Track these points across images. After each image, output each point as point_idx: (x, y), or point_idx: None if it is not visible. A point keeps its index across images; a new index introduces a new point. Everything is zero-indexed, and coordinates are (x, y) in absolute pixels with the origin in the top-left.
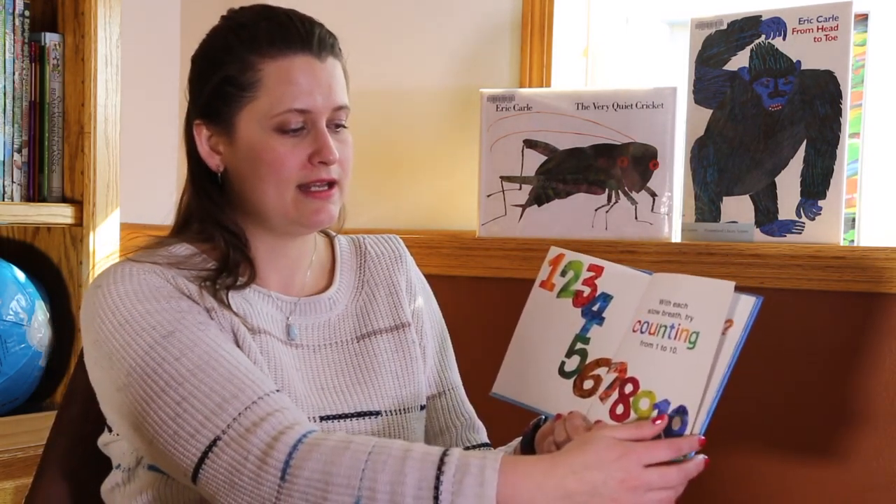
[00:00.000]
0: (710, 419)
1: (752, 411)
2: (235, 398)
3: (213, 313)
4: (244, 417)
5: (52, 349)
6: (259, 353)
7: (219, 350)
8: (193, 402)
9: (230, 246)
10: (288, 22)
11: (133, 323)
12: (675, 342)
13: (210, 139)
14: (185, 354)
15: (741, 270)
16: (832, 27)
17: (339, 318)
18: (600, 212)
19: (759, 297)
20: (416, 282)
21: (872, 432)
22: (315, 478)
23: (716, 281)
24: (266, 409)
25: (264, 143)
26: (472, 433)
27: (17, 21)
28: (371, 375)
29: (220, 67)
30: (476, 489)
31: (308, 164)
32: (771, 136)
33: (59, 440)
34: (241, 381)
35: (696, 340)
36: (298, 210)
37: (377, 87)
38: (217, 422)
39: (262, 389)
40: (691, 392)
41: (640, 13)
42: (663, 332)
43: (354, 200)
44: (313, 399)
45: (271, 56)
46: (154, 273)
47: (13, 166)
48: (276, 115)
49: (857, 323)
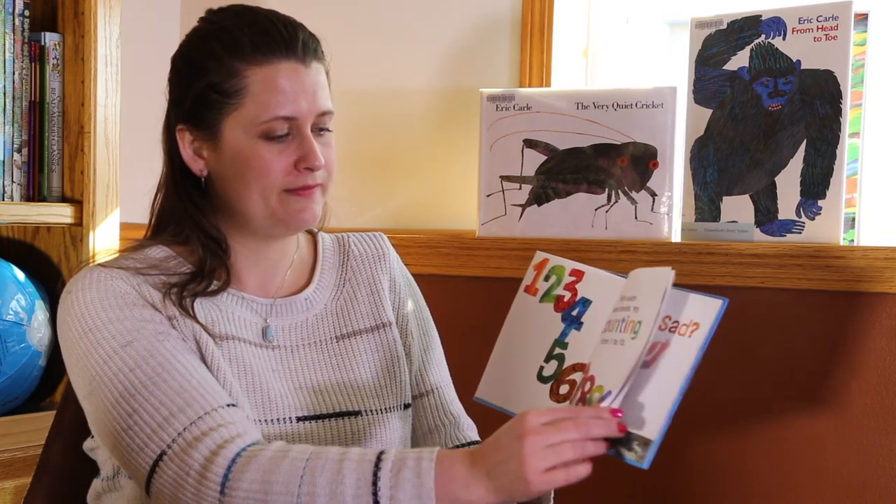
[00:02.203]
0: (669, 422)
1: (752, 411)
2: (182, 412)
3: (175, 322)
4: (188, 432)
5: (52, 349)
6: (224, 360)
7: (173, 362)
8: (143, 414)
9: (207, 251)
10: (271, 27)
11: (95, 331)
12: (623, 335)
13: (193, 143)
14: (140, 366)
15: (741, 270)
16: (832, 27)
17: (317, 318)
18: (600, 211)
19: (724, 299)
20: (401, 280)
21: (873, 432)
22: (254, 489)
23: (655, 269)
24: (210, 424)
25: (250, 150)
26: (461, 432)
27: (17, 21)
28: (351, 375)
29: (203, 73)
30: (413, 480)
31: (294, 170)
32: (771, 136)
33: (56, 441)
34: (189, 395)
35: (639, 329)
36: (284, 209)
37: (377, 86)
38: (163, 435)
39: (209, 404)
40: (619, 376)
41: (640, 13)
42: (616, 326)
43: (354, 200)
44: (291, 400)
45: (256, 63)
46: (121, 279)
47: (13, 166)
48: (263, 122)
49: (857, 323)
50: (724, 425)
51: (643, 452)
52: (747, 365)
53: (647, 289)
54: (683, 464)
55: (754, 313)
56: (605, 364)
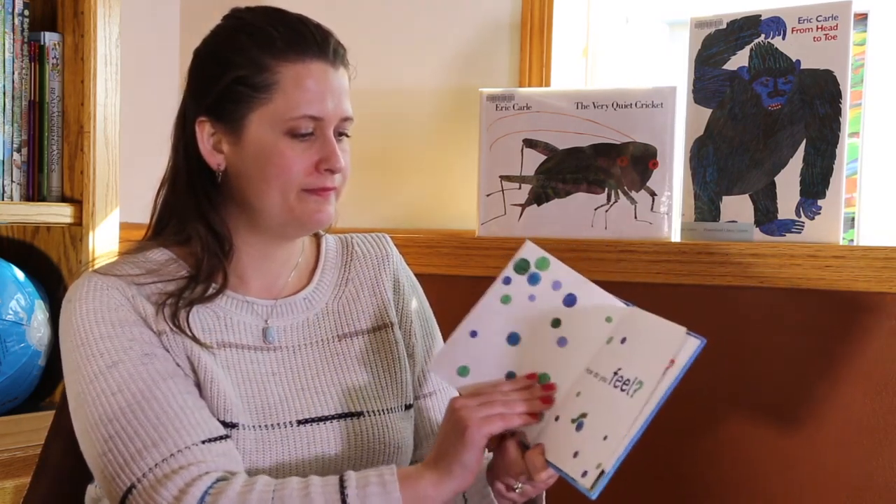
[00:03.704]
0: (628, 451)
1: (752, 411)
2: (155, 447)
3: (165, 337)
4: (159, 469)
5: (52, 349)
6: (221, 368)
7: (153, 389)
8: (118, 442)
9: (206, 251)
10: (303, 28)
11: (87, 346)
12: (616, 385)
13: (213, 137)
14: (122, 390)
15: (741, 270)
16: (832, 27)
17: (317, 317)
18: (600, 211)
19: (702, 339)
20: (405, 281)
21: (872, 431)
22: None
23: (666, 325)
24: (181, 462)
25: (274, 146)
26: None
27: (17, 20)
28: (352, 375)
29: (231, 67)
30: (379, 488)
31: (314, 171)
32: (770, 136)
33: (56, 441)
34: (164, 429)
35: (639, 390)
36: (301, 208)
37: (377, 86)
38: (135, 468)
39: (182, 440)
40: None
41: (640, 13)
42: (606, 366)
43: (354, 200)
44: (293, 402)
45: (289, 60)
46: (116, 289)
47: (13, 166)
48: (290, 119)
49: (856, 322)
50: (723, 425)
51: (595, 481)
52: (747, 365)
53: (654, 345)
54: (683, 464)
55: (754, 313)
56: (599, 405)
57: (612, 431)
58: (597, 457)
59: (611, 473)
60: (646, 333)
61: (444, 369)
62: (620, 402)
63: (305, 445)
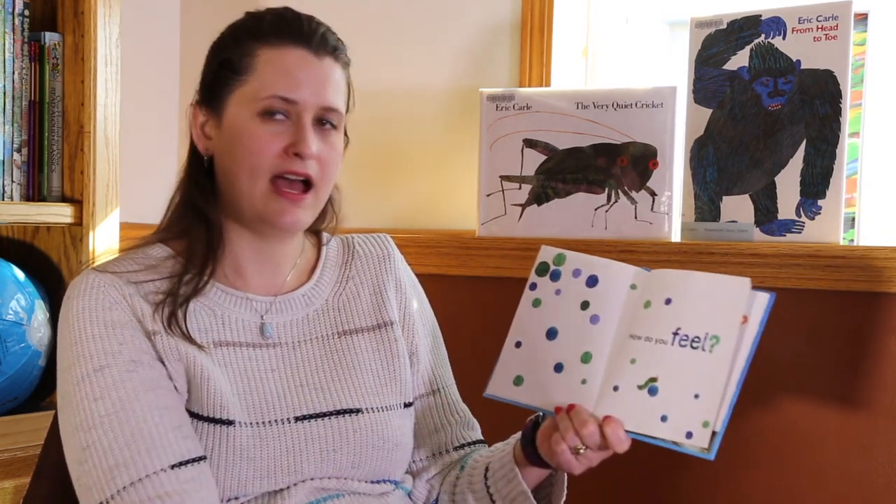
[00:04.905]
0: (731, 411)
1: (752, 411)
2: (126, 467)
3: (159, 337)
4: (127, 494)
5: (52, 349)
6: (217, 366)
7: (133, 402)
8: (93, 453)
9: (197, 239)
10: (295, 18)
11: (79, 345)
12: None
13: (203, 123)
14: (104, 397)
15: (741, 270)
16: (832, 27)
17: (317, 314)
18: (600, 211)
19: (772, 293)
20: (407, 281)
21: (873, 431)
22: None
23: (717, 277)
24: (149, 493)
25: (245, 127)
26: (467, 431)
27: (17, 20)
28: (351, 372)
29: (222, 52)
30: None
31: (283, 155)
32: (771, 136)
33: (56, 441)
34: (137, 448)
35: (717, 344)
36: (266, 206)
37: (377, 86)
38: (105, 487)
39: (153, 464)
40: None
41: (640, 13)
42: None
43: (354, 199)
44: (291, 399)
45: (270, 44)
46: (113, 287)
47: (13, 166)
48: (261, 99)
49: (857, 323)
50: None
51: (710, 442)
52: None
53: (714, 301)
54: (683, 464)
55: None
56: (669, 367)
57: (704, 389)
58: (694, 416)
59: (723, 432)
60: (699, 291)
61: (502, 387)
62: (698, 359)
63: (303, 442)
